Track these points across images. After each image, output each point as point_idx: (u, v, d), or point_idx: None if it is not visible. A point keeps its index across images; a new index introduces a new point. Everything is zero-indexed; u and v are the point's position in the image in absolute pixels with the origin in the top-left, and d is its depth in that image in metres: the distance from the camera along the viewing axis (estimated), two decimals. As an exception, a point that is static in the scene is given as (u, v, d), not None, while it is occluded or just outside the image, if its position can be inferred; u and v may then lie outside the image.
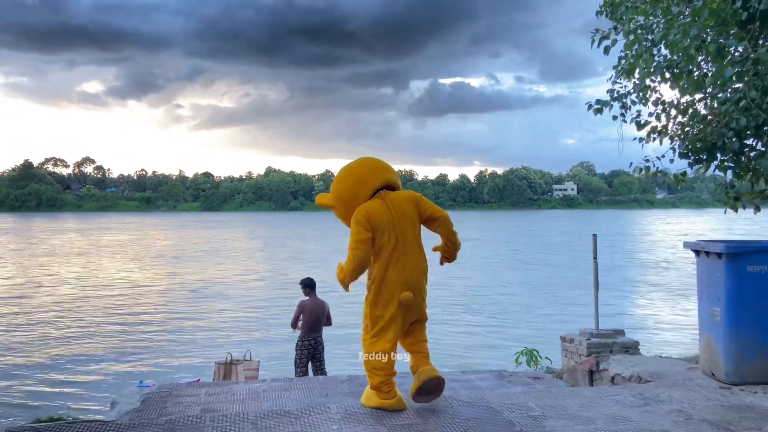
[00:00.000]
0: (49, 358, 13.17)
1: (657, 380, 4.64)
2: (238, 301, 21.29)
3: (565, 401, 4.04)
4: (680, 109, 8.45)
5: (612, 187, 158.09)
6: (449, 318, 17.47)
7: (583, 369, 5.36)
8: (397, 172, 4.76)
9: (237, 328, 16.64)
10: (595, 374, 5.28)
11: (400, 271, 3.94)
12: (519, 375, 6.07)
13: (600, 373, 5.20)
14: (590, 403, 4.01)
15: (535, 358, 6.83)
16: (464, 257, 37.15)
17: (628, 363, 5.02)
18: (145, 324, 17.40)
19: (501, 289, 23.76)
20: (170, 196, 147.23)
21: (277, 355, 12.54)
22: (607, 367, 5.10)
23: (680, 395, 4.26)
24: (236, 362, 7.22)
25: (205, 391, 5.60)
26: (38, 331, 16.24)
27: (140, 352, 13.88)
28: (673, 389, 4.41)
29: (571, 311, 18.56)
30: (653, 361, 5.29)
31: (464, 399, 4.18)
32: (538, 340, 13.83)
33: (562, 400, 4.06)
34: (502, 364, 10.84)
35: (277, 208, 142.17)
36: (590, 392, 4.34)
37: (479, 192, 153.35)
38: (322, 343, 7.76)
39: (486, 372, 6.27)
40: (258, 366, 7.36)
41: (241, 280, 27.00)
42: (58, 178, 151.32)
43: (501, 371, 6.24)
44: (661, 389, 4.40)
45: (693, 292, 18.56)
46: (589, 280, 24.73)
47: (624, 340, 7.19)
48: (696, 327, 14.48)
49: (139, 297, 22.57)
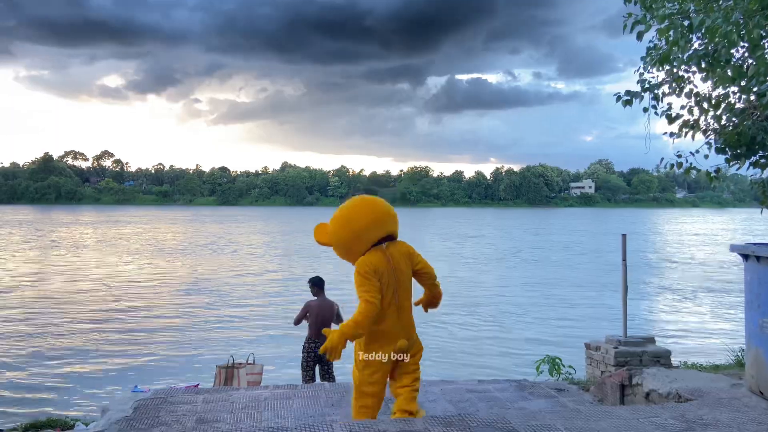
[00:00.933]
0: (32, 355, 12.70)
1: (698, 399, 4.16)
2: (245, 298, 20.71)
3: (598, 424, 3.58)
4: (713, 103, 7.94)
5: (631, 186, 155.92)
6: (461, 321, 16.89)
7: (614, 383, 4.89)
8: (413, 168, 4.41)
9: (242, 327, 16.09)
10: (627, 389, 4.80)
11: (397, 321, 4.05)
12: (541, 386, 5.61)
13: (632, 388, 4.73)
14: (626, 427, 3.54)
15: (557, 367, 6.36)
16: (475, 256, 36.58)
17: (664, 377, 4.53)
18: (145, 320, 16.86)
19: (514, 290, 23.17)
20: (187, 190, 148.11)
21: (284, 357, 12.11)
22: (640, 382, 4.62)
23: (727, 417, 3.78)
24: (238, 365, 6.84)
25: (203, 398, 5.22)
26: (28, 324, 15.87)
27: (137, 352, 13.34)
28: (718, 410, 3.93)
29: (588, 314, 17.90)
30: (692, 375, 4.80)
31: (483, 418, 3.73)
32: (555, 346, 13.26)
33: (594, 422, 3.60)
34: (519, 371, 10.35)
35: (293, 203, 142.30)
36: (625, 412, 3.87)
37: (495, 189, 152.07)
38: (331, 345, 7.35)
39: (505, 381, 5.82)
40: (261, 370, 6.97)
41: (249, 276, 26.42)
42: (77, 171, 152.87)
43: (521, 381, 5.79)
44: (704, 410, 3.92)
45: (717, 294, 17.79)
46: (604, 282, 23.98)
47: (655, 348, 6.68)
48: (726, 334, 13.72)
49: (139, 291, 22.03)
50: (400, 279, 4.07)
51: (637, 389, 4.66)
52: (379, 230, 4.12)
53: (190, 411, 4.85)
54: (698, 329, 16.25)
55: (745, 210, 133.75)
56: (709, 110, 7.76)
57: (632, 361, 6.57)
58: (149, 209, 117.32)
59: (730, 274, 27.85)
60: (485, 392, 5.40)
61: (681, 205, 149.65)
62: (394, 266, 4.06)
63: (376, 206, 4.20)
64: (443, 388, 5.50)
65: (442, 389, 5.47)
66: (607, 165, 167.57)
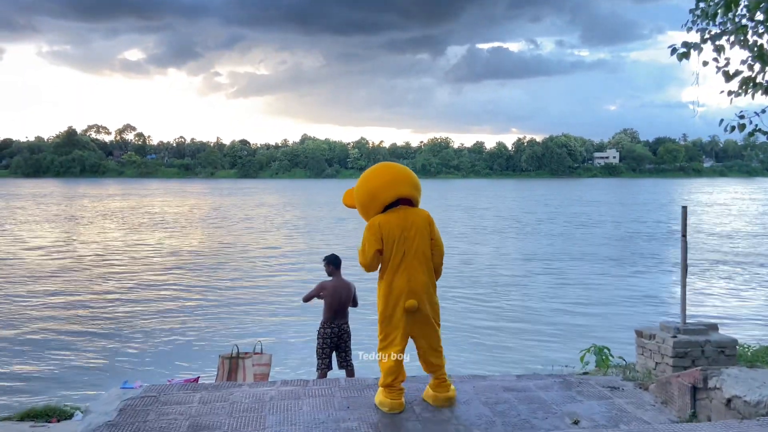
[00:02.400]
0: (19, 340, 11.96)
1: (798, 410, 3.36)
2: (255, 278, 19.43)
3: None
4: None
5: (657, 155, 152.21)
6: (478, 302, 15.89)
7: (683, 384, 4.10)
8: (433, 140, 3.92)
9: (252, 310, 14.89)
10: (700, 392, 4.01)
11: (406, 281, 4.21)
12: (590, 383, 4.84)
13: (708, 392, 3.93)
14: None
15: (605, 359, 5.58)
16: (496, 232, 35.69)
17: (749, 381, 3.73)
18: (143, 302, 15.71)
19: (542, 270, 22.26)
20: (208, 163, 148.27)
21: (295, 344, 11.24)
22: (719, 385, 3.82)
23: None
24: (244, 356, 6.18)
25: (200, 396, 4.55)
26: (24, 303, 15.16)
27: (137, 337, 12.33)
28: (829, 427, 3.13)
29: (616, 296, 16.74)
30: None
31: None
32: (593, 331, 12.26)
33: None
34: (559, 359, 9.41)
35: (313, 176, 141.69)
36: (709, 430, 3.10)
37: (517, 160, 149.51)
38: (348, 330, 6.64)
39: (548, 377, 5.07)
40: (270, 360, 6.29)
41: (261, 253, 25.08)
42: (101, 144, 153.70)
43: (567, 377, 5.04)
44: (811, 427, 3.12)
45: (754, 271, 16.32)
46: (629, 259, 22.39)
47: (719, 337, 5.85)
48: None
49: (138, 268, 21.07)
50: (413, 240, 4.23)
51: (714, 394, 3.87)
52: (392, 191, 4.29)
53: (183, 414, 4.19)
54: (751, 313, 14.77)
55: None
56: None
57: (693, 353, 5.76)
58: (171, 182, 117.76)
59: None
60: (525, 391, 4.66)
61: (708, 175, 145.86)
62: (407, 228, 4.23)
63: (393, 168, 4.44)
64: (476, 386, 4.76)
65: (474, 387, 4.74)
66: (632, 134, 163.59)
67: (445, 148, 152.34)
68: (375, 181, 4.35)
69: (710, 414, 3.89)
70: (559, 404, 4.36)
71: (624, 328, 11.95)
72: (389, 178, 4.34)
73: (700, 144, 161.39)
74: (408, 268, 4.21)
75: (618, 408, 4.32)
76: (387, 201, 4.30)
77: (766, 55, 6.92)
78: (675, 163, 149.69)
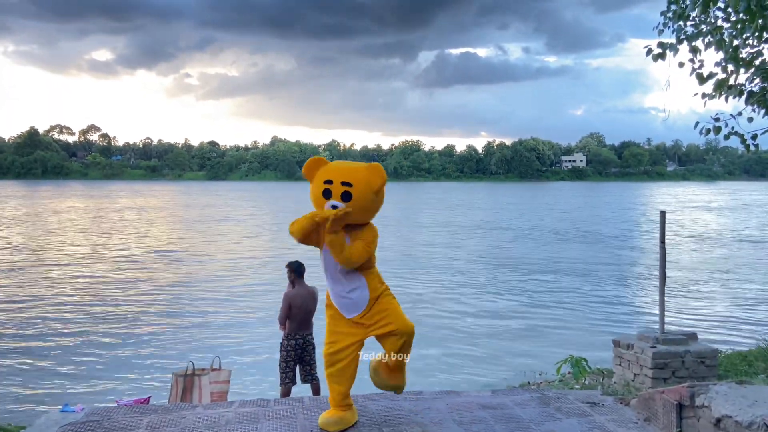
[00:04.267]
0: None
1: (793, 431, 3.13)
2: (212, 287, 18.21)
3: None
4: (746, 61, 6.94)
5: (622, 159, 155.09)
6: (448, 309, 15.65)
7: (668, 400, 3.85)
8: (404, 143, 3.49)
9: (208, 322, 13.85)
10: (687, 410, 3.77)
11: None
12: (569, 398, 4.58)
13: (695, 410, 3.68)
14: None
15: (583, 370, 5.34)
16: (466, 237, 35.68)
17: (739, 399, 3.49)
18: (88, 314, 14.38)
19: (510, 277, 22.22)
20: (176, 165, 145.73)
21: (256, 359, 10.30)
22: (707, 403, 3.58)
23: None
24: (200, 372, 5.76)
25: (148, 420, 4.14)
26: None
27: (82, 352, 11.15)
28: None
29: (582, 304, 16.59)
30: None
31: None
32: (566, 340, 11.95)
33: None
34: (531, 366, 9.13)
35: (283, 178, 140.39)
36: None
37: (487, 163, 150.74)
38: (313, 342, 6.29)
39: (524, 392, 4.78)
40: (228, 377, 5.90)
41: (219, 258, 23.93)
42: (64, 145, 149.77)
43: (544, 392, 4.76)
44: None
45: (723, 273, 16.32)
46: (603, 269, 22.28)
47: (700, 347, 5.68)
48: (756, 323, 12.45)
49: (80, 274, 19.69)
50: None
51: (702, 412, 3.63)
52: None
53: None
54: (725, 318, 14.62)
55: (735, 182, 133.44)
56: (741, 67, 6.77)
57: (673, 363, 5.57)
58: (136, 184, 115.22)
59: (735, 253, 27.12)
60: (502, 408, 4.36)
61: (672, 178, 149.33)
62: None
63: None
64: (450, 403, 4.45)
65: (448, 404, 4.42)
66: (598, 138, 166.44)
67: (416, 151, 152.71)
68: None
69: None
70: (538, 423, 4.09)
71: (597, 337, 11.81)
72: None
73: (663, 148, 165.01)
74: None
75: (599, 426, 4.06)
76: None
77: (741, 57, 6.84)
78: (639, 166, 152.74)
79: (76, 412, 4.34)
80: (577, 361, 5.59)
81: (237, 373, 7.04)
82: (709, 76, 6.82)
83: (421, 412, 4.25)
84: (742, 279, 20.08)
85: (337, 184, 3.59)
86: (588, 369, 5.56)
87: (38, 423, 4.09)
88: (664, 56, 6.74)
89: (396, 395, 4.51)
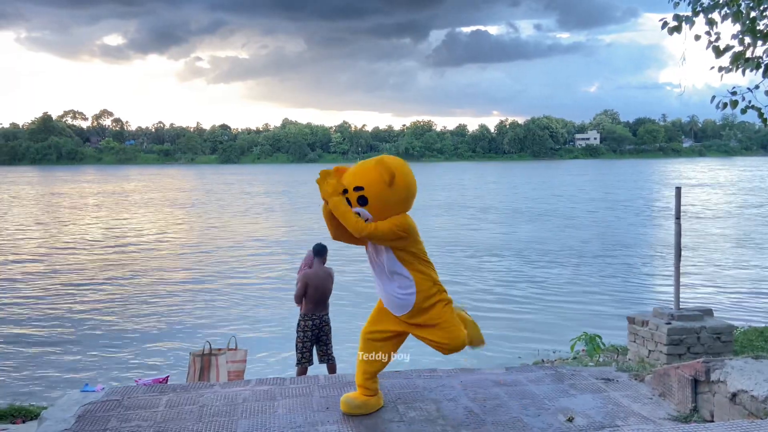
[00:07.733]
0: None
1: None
2: (231, 268, 18.42)
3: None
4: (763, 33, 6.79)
5: (636, 136, 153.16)
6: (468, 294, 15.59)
7: (683, 376, 3.85)
8: (416, 123, 3.37)
9: (226, 302, 14.04)
10: (702, 385, 3.77)
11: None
12: (583, 375, 4.60)
13: (710, 385, 3.69)
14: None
15: (597, 347, 5.34)
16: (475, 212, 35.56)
17: (756, 374, 3.49)
18: (108, 296, 14.67)
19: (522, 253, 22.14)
20: (188, 149, 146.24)
21: (272, 338, 10.39)
22: (723, 378, 3.57)
23: None
24: (217, 352, 5.85)
25: (168, 399, 4.22)
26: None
27: (102, 334, 11.38)
28: None
29: (598, 283, 16.44)
30: (786, 367, 3.74)
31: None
32: (578, 318, 11.90)
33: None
34: (546, 344, 9.16)
35: (295, 160, 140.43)
36: (720, 431, 2.85)
37: (499, 142, 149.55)
38: (329, 322, 6.35)
39: (538, 369, 4.81)
40: (245, 356, 5.99)
41: (233, 242, 24.00)
42: (77, 131, 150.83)
43: (558, 368, 4.78)
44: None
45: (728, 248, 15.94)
46: (602, 245, 21.87)
47: (715, 323, 5.66)
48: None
49: (103, 258, 20.02)
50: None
51: (717, 387, 3.63)
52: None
53: (147, 420, 3.86)
54: (742, 294, 14.41)
55: (752, 158, 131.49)
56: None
57: (688, 339, 5.55)
58: (150, 168, 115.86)
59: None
60: (516, 385, 4.39)
61: (687, 155, 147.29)
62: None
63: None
64: (464, 381, 4.49)
65: (462, 382, 4.46)
66: (612, 115, 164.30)
67: (428, 132, 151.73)
68: (415, 184, 3.74)
69: (713, 409, 3.65)
70: (552, 399, 4.11)
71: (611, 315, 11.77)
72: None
73: (679, 124, 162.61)
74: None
75: (613, 402, 4.08)
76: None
77: (758, 29, 6.70)
78: (655, 143, 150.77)
79: (96, 391, 4.43)
80: (591, 338, 5.60)
81: (253, 353, 7.14)
82: (725, 48, 6.70)
83: (436, 389, 4.29)
84: (759, 256, 19.87)
85: (351, 192, 3.54)
86: (602, 346, 5.56)
87: (60, 403, 4.18)
88: (679, 29, 6.60)
89: (410, 374, 4.56)
